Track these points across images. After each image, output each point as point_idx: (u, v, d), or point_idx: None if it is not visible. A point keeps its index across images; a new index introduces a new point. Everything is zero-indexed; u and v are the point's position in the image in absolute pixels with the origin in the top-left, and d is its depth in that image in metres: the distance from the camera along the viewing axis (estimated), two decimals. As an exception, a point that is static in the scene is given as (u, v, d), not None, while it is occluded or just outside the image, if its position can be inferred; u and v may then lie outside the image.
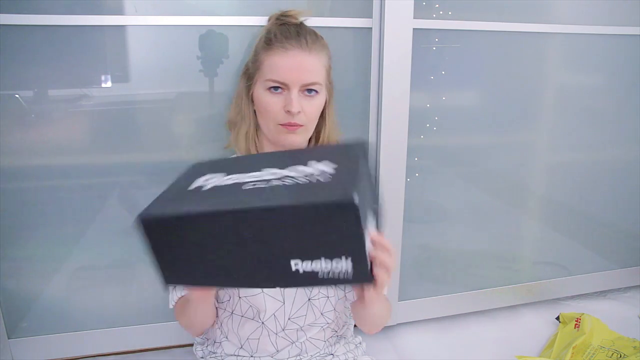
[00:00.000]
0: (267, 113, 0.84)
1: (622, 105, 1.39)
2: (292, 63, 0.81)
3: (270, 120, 0.84)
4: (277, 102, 0.82)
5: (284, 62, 0.81)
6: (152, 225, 0.57)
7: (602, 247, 1.51)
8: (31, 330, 1.11)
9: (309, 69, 0.82)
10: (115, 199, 1.08)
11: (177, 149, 1.07)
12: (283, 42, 0.81)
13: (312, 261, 0.53)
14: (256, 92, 0.85)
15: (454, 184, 1.31)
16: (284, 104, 0.82)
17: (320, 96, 0.86)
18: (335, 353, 0.97)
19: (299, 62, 0.81)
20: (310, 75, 0.82)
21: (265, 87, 0.83)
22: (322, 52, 0.85)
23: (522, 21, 1.21)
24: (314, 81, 0.83)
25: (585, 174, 1.43)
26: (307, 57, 0.82)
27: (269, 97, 0.83)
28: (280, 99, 0.82)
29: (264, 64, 0.83)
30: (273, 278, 0.56)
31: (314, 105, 0.84)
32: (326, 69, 0.87)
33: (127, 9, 0.96)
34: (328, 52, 0.88)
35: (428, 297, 1.35)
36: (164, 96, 1.04)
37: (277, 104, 0.82)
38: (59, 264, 1.09)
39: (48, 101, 1.00)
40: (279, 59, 0.81)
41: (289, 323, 0.90)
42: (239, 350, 0.92)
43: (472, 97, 1.27)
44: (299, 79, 0.81)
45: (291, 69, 0.81)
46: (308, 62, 0.82)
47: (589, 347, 1.19)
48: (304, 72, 0.81)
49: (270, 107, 0.82)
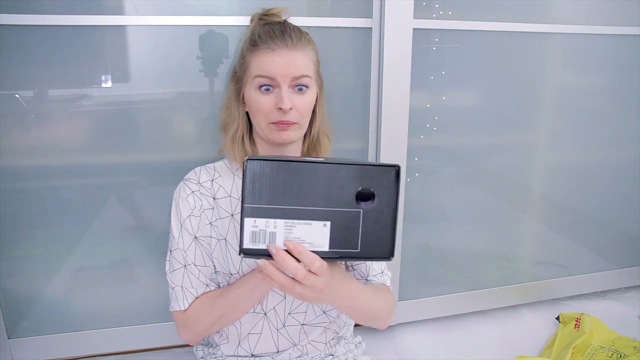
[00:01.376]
0: (259, 112, 0.83)
1: (622, 105, 1.39)
2: (279, 60, 0.80)
3: (262, 119, 0.83)
4: (268, 101, 0.82)
5: (272, 60, 0.80)
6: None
7: (602, 247, 1.51)
8: (31, 330, 1.11)
9: (297, 64, 0.81)
10: (115, 199, 1.08)
11: (177, 149, 1.07)
12: (268, 42, 0.81)
13: None
14: (247, 93, 0.85)
15: (454, 184, 1.31)
16: (275, 102, 0.81)
17: (310, 91, 0.85)
18: (335, 353, 0.97)
19: (286, 59, 0.81)
20: (299, 69, 0.82)
21: (256, 87, 0.82)
22: (308, 47, 0.84)
23: (522, 21, 1.21)
24: (303, 74, 0.82)
25: (585, 174, 1.43)
26: (294, 54, 0.81)
27: (259, 97, 0.82)
28: (271, 97, 0.82)
29: (251, 64, 0.83)
30: None
31: (305, 101, 0.84)
32: (314, 63, 0.86)
33: (127, 9, 0.96)
34: (314, 47, 0.87)
35: (428, 297, 1.35)
36: (164, 96, 1.04)
37: (269, 102, 0.82)
38: (59, 264, 1.09)
39: (48, 101, 1.00)
40: (266, 57, 0.81)
41: (289, 318, 0.90)
42: (238, 350, 0.92)
43: (472, 97, 1.27)
44: (288, 72, 0.80)
45: (279, 66, 0.80)
46: (296, 58, 0.81)
47: (589, 347, 1.19)
48: (292, 67, 0.81)
49: (262, 106, 0.82)
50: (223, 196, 0.89)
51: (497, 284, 1.40)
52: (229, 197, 0.90)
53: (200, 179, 0.90)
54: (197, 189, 0.89)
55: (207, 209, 0.89)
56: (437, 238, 1.34)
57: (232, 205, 0.89)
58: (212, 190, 0.89)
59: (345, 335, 1.02)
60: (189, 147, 1.07)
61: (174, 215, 0.89)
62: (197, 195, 0.88)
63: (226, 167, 0.92)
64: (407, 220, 1.24)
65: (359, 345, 1.04)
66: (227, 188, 0.90)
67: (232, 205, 0.89)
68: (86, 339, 1.14)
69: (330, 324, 0.95)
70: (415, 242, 1.30)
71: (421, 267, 1.34)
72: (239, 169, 0.91)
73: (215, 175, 0.91)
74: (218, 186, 0.90)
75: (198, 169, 0.92)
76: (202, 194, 0.89)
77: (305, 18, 1.04)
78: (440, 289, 1.36)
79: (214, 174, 0.91)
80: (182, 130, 1.06)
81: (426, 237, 1.33)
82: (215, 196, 0.89)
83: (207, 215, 0.89)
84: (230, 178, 0.91)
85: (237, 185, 0.90)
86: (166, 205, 0.94)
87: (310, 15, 1.06)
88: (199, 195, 0.88)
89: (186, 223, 0.87)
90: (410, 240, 1.28)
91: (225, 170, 0.92)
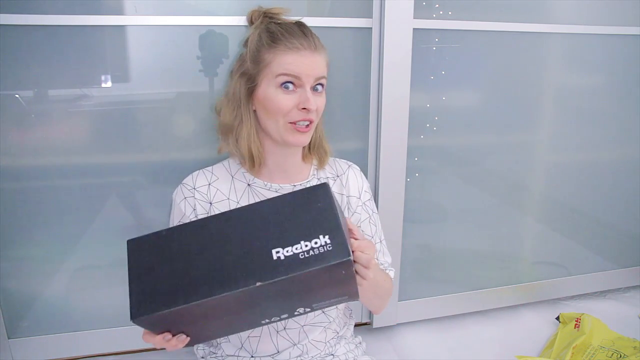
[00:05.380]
0: (278, 111, 0.82)
1: (622, 105, 1.39)
2: (304, 61, 0.81)
3: (281, 118, 0.83)
4: (290, 100, 0.82)
5: (298, 59, 0.81)
6: (136, 244, 0.61)
7: (602, 247, 1.51)
8: (31, 330, 1.11)
9: (320, 67, 0.83)
10: (115, 199, 1.08)
11: (177, 149, 1.07)
12: (292, 41, 0.81)
13: (293, 246, 0.58)
14: (262, 92, 0.83)
15: (454, 184, 1.31)
16: (297, 101, 0.82)
17: (324, 92, 0.87)
18: (336, 353, 0.97)
19: (311, 60, 0.82)
20: (321, 70, 0.84)
21: (277, 85, 0.82)
22: (324, 50, 0.86)
23: (522, 21, 1.21)
24: (323, 75, 0.85)
25: (585, 174, 1.43)
26: (317, 56, 0.83)
27: (280, 95, 0.82)
28: (294, 97, 0.82)
29: (273, 62, 0.82)
30: (256, 272, 0.58)
31: (323, 101, 0.86)
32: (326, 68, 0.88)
33: (127, 9, 0.96)
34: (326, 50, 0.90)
35: (428, 297, 1.35)
36: (164, 96, 1.04)
37: (291, 101, 0.82)
38: (59, 264, 1.09)
39: (48, 101, 1.00)
40: (292, 56, 0.81)
41: (289, 321, 0.90)
42: (240, 351, 0.92)
43: (472, 97, 1.27)
44: (313, 72, 0.82)
45: (304, 66, 0.81)
46: (318, 60, 0.83)
47: (589, 347, 1.19)
48: (317, 69, 0.82)
49: (282, 104, 0.82)
50: (220, 199, 0.89)
51: (497, 284, 1.40)
52: (227, 200, 0.89)
53: (196, 184, 0.89)
54: (191, 195, 0.89)
55: (201, 214, 0.88)
56: (437, 238, 1.34)
57: (230, 208, 0.89)
58: (208, 195, 0.89)
59: (346, 335, 1.02)
60: (189, 147, 1.07)
61: (170, 215, 0.93)
62: (189, 201, 0.88)
63: (225, 170, 0.92)
64: (407, 220, 1.24)
65: (359, 346, 1.04)
66: (224, 191, 0.90)
67: (230, 208, 0.89)
68: (86, 339, 1.14)
69: (330, 323, 0.95)
70: (415, 242, 1.30)
71: (421, 267, 1.34)
72: (239, 171, 0.91)
73: (213, 178, 0.91)
74: (215, 190, 0.90)
75: (196, 173, 0.91)
76: (195, 199, 0.88)
77: (306, 18, 1.04)
78: (440, 289, 1.36)
79: (211, 177, 0.91)
80: (182, 130, 1.06)
81: (426, 237, 1.33)
82: (212, 200, 0.89)
83: None
84: (228, 181, 0.91)
85: (235, 188, 0.90)
86: (166, 205, 0.94)
87: (310, 15, 1.06)
88: (192, 201, 0.88)
89: None
90: (410, 240, 1.28)
91: (223, 174, 0.92)
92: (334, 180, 0.95)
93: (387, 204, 1.20)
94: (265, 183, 0.89)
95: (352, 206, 0.94)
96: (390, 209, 1.20)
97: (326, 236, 0.58)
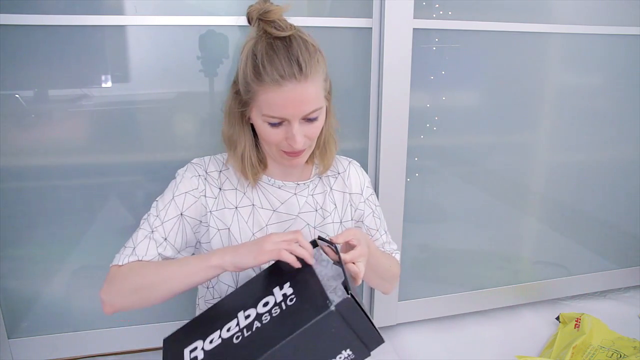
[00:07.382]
0: (268, 141, 0.81)
1: (622, 105, 1.39)
2: (288, 97, 0.74)
3: (273, 147, 0.81)
4: (278, 133, 0.78)
5: (280, 98, 0.73)
6: None
7: (602, 247, 1.51)
8: (31, 330, 1.11)
9: (308, 100, 0.75)
10: (115, 199, 1.08)
11: (177, 149, 1.07)
12: (274, 75, 0.73)
13: None
14: (254, 119, 0.81)
15: (454, 184, 1.31)
16: (285, 135, 0.78)
17: (321, 117, 0.81)
18: (335, 353, 0.97)
19: (297, 94, 0.74)
20: (310, 105, 0.76)
21: (264, 121, 0.78)
22: (318, 73, 0.76)
23: (522, 21, 1.21)
24: (314, 109, 0.77)
25: (585, 174, 1.43)
26: (304, 87, 0.74)
27: (268, 129, 0.78)
28: (281, 131, 0.78)
29: (258, 98, 0.76)
30: None
31: (317, 127, 0.80)
32: (324, 87, 0.80)
33: (127, 9, 0.96)
34: (324, 63, 0.80)
35: (428, 297, 1.35)
36: (164, 96, 1.04)
37: (278, 134, 0.78)
38: (59, 264, 1.09)
39: (48, 101, 1.00)
40: (274, 95, 0.73)
41: None
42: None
43: (472, 97, 1.27)
44: (299, 111, 0.75)
45: (288, 105, 0.75)
46: (306, 93, 0.74)
47: (589, 347, 1.19)
48: (304, 105, 0.75)
49: (271, 137, 0.79)
50: (229, 188, 0.89)
51: (497, 284, 1.40)
52: (235, 190, 0.89)
53: (208, 169, 0.89)
54: (204, 175, 0.88)
55: (210, 197, 0.88)
56: (437, 238, 1.34)
57: (238, 197, 0.89)
58: (219, 181, 0.88)
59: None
60: (189, 147, 1.07)
61: (170, 188, 0.86)
62: (201, 179, 0.87)
63: None
64: (407, 220, 1.24)
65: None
66: (233, 181, 0.90)
67: (237, 197, 0.89)
68: (86, 339, 1.14)
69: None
70: (415, 242, 1.30)
71: (421, 267, 1.34)
72: None
73: (224, 167, 0.90)
74: (225, 178, 0.89)
75: (207, 158, 0.90)
76: (207, 181, 0.88)
77: (305, 18, 1.04)
78: (440, 289, 1.36)
79: (222, 166, 0.90)
80: (182, 130, 1.06)
81: (426, 237, 1.33)
82: (221, 187, 0.89)
83: (207, 203, 0.87)
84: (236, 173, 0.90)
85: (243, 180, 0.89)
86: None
87: (310, 15, 1.06)
88: (203, 180, 0.87)
89: (179, 198, 0.85)
90: (410, 240, 1.28)
91: None
92: (335, 178, 0.95)
93: (387, 204, 1.20)
94: (269, 179, 0.89)
95: (354, 203, 0.95)
96: (390, 209, 1.20)
97: (347, 349, 0.64)
